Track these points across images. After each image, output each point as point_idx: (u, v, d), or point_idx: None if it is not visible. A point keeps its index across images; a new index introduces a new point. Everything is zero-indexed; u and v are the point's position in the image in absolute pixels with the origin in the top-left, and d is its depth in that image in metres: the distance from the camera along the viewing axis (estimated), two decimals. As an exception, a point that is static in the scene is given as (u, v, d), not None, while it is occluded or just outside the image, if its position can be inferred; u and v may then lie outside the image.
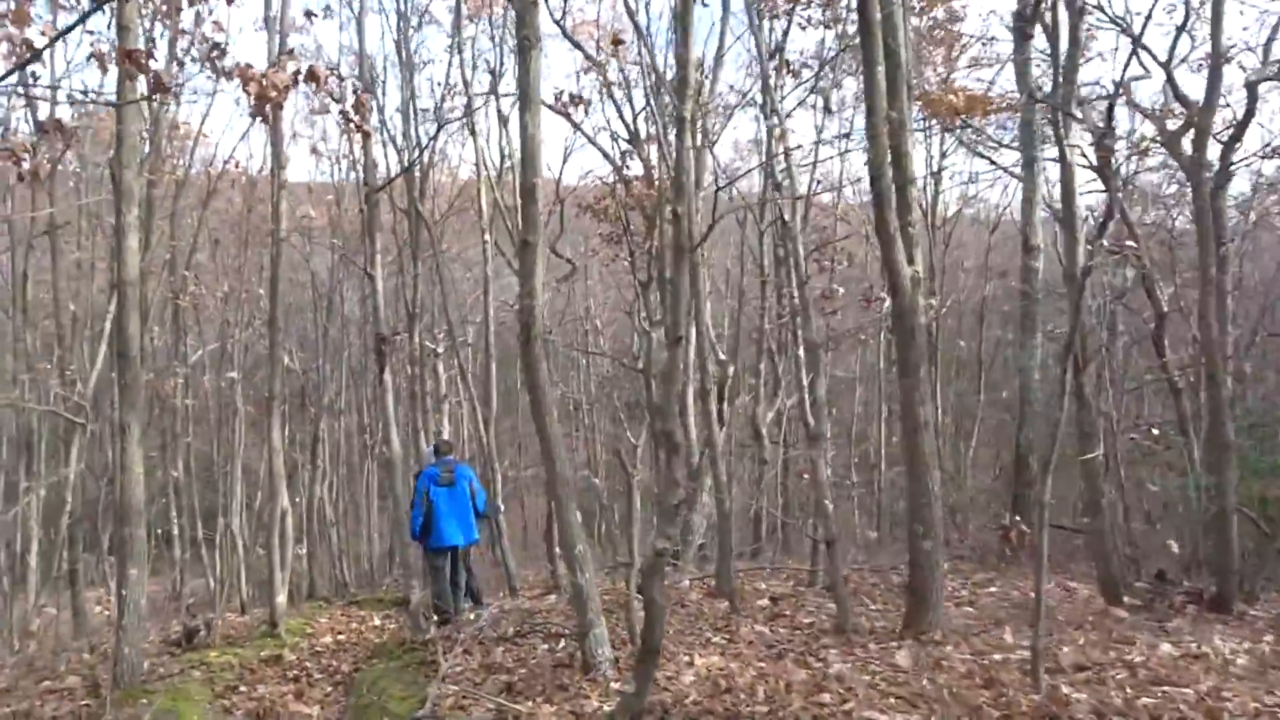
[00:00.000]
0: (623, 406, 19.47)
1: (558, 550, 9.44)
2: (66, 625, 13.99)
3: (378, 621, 9.43)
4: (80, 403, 11.36)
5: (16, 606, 10.93)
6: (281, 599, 7.90)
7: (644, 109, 13.37)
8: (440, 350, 17.32)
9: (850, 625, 5.68)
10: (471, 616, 7.15)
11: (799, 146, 8.36)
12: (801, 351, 9.15)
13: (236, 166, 13.60)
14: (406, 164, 10.59)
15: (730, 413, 9.81)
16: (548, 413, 4.58)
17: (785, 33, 10.07)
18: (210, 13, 6.53)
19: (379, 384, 6.12)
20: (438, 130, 11.21)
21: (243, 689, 5.83)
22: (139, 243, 5.97)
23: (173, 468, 15.32)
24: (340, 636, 8.38)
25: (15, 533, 11.36)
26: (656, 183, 13.29)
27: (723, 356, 8.95)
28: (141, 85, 5.43)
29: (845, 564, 6.60)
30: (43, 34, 4.01)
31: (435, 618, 7.27)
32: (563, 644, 5.61)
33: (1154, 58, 8.09)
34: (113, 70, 5.38)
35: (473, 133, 10.63)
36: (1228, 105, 9.04)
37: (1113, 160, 7.24)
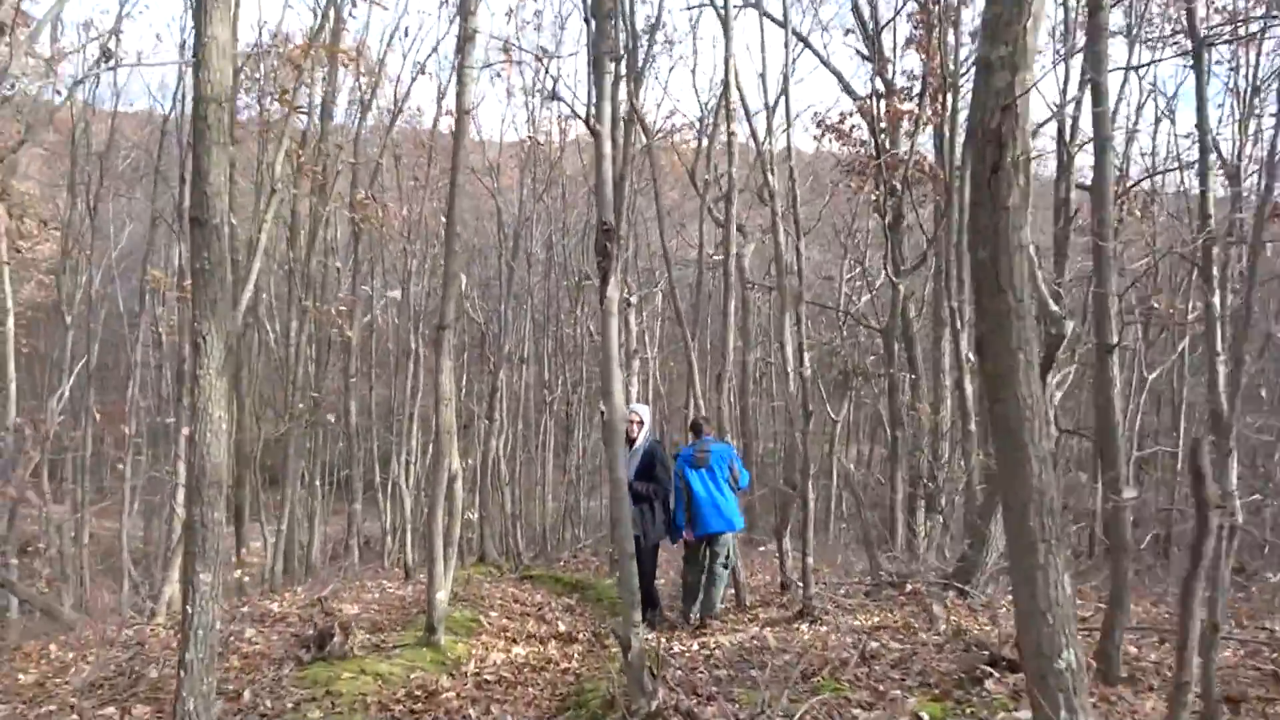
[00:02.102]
0: (835, 375, 16.72)
1: (810, 560, 6.89)
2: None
3: (563, 626, 7.33)
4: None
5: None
6: (443, 595, 5.85)
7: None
8: (634, 300, 15.20)
9: None
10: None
11: None
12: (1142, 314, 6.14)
13: (424, 74, 11.88)
14: None
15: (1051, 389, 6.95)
16: (1026, 365, 1.97)
17: None
18: None
19: (600, 301, 3.80)
20: None
21: (374, 759, 3.74)
22: (232, 42, 3.92)
23: (345, 411, 14.11)
24: (516, 648, 6.30)
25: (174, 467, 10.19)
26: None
27: (1056, 309, 5.91)
28: None
29: None
30: None
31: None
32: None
33: None
34: None
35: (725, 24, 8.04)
36: None
37: None
